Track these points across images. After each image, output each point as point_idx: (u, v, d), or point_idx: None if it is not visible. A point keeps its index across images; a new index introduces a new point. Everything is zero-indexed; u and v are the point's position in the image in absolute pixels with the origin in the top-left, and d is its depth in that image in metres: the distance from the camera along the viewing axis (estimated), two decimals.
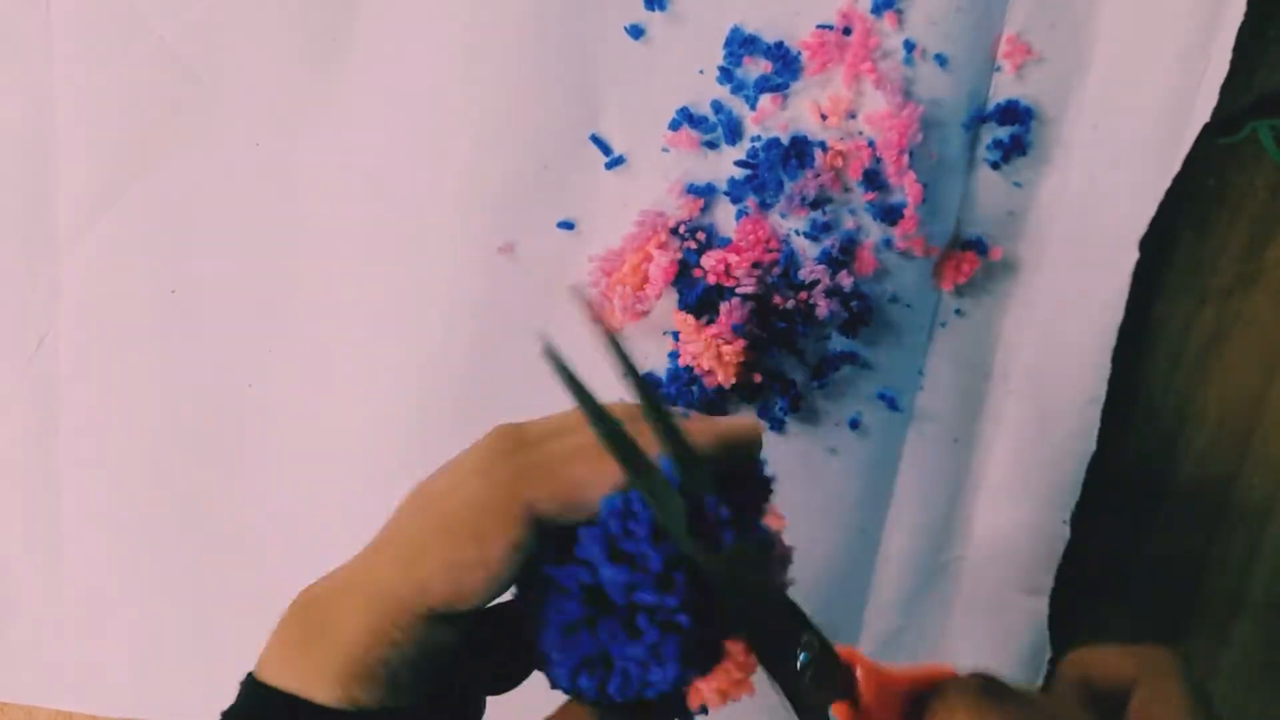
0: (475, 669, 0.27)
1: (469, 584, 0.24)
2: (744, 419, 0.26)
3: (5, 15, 0.44)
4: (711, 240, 0.43)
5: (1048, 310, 0.44)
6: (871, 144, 0.42)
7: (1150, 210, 0.42)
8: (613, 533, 0.24)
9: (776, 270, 0.43)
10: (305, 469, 0.47)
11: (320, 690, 0.23)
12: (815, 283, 0.42)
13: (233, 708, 0.25)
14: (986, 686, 0.25)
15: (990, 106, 0.43)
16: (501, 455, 0.25)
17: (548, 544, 0.25)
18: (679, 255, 0.43)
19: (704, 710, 0.26)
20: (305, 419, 0.46)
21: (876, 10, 0.41)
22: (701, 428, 0.26)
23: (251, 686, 0.25)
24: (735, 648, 0.25)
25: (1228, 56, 0.40)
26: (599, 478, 0.24)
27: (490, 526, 0.24)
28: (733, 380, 0.43)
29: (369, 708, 0.23)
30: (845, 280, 0.42)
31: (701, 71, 0.42)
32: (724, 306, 0.42)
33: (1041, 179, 0.43)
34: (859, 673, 0.25)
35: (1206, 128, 0.41)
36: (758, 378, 0.44)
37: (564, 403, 0.47)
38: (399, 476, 0.45)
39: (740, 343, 0.42)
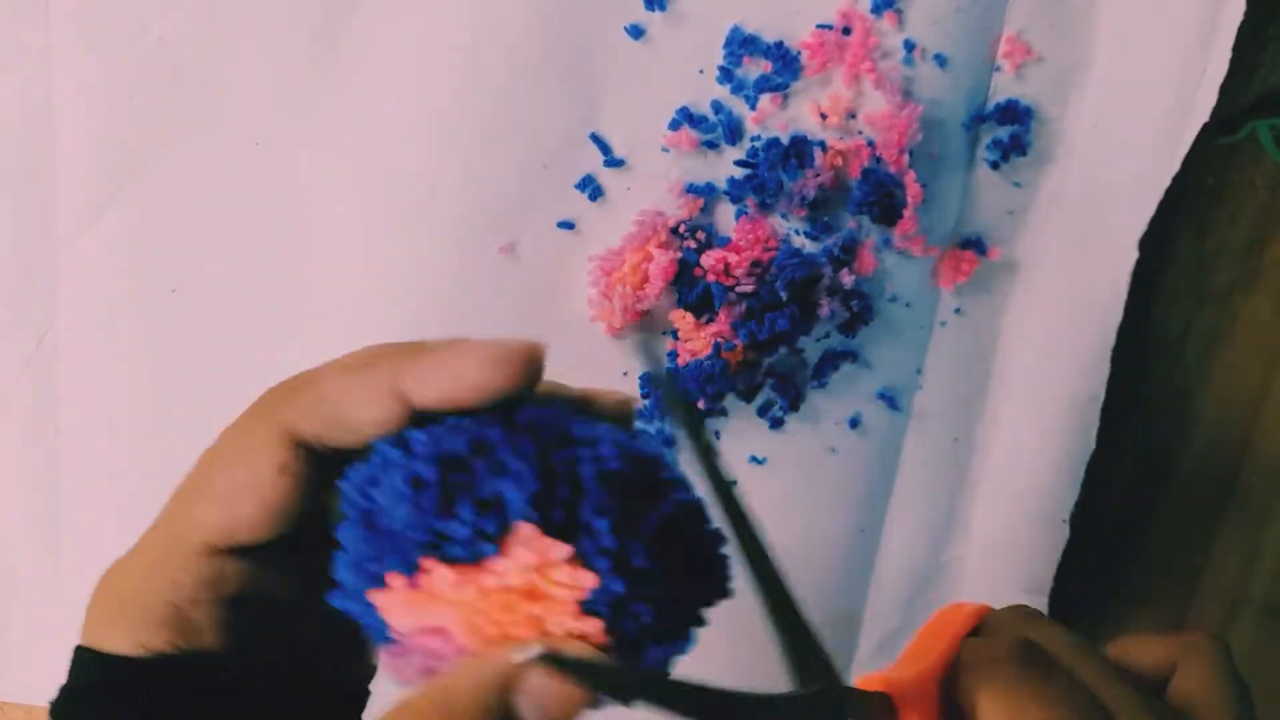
0: (296, 618, 0.25)
1: (242, 512, 0.23)
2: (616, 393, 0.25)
3: (5, 15, 0.44)
4: (711, 240, 0.43)
5: (1047, 310, 0.44)
6: (871, 144, 0.42)
7: (1150, 210, 0.42)
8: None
9: (774, 269, 0.43)
10: None
11: (114, 639, 0.23)
12: (817, 278, 0.42)
13: (66, 680, 0.25)
14: (1026, 657, 0.24)
15: (990, 106, 0.43)
16: (268, 390, 0.25)
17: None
18: (679, 254, 0.43)
19: None
20: None
21: (876, 10, 0.41)
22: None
23: (76, 653, 0.24)
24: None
25: (1227, 56, 0.40)
26: (358, 391, 0.22)
27: (252, 448, 0.23)
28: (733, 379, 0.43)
29: (165, 652, 0.23)
30: (846, 279, 0.42)
31: (701, 71, 0.42)
32: (723, 305, 0.42)
33: (1041, 179, 0.43)
34: (896, 700, 0.24)
35: (1206, 127, 0.41)
36: (758, 377, 0.44)
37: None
38: None
39: (739, 341, 0.42)
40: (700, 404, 0.43)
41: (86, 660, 0.24)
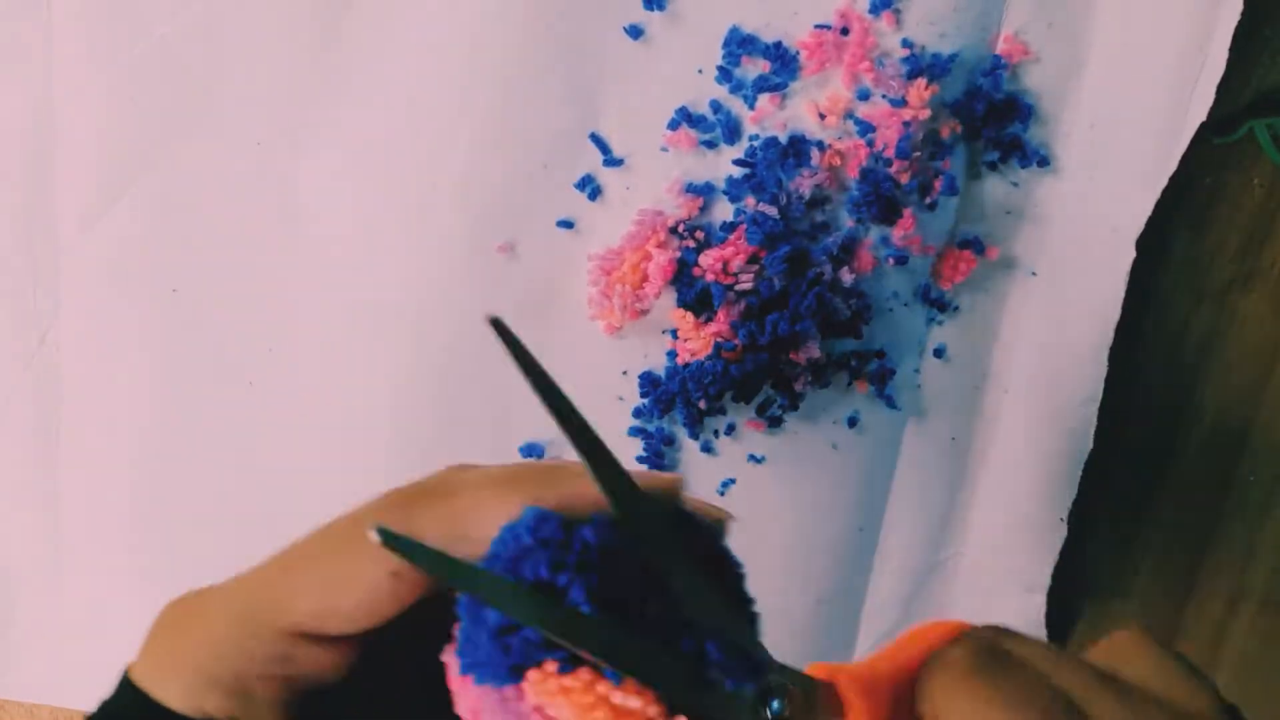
0: (357, 710, 0.25)
1: (341, 606, 0.22)
2: (667, 475, 0.24)
3: (5, 15, 0.44)
4: (710, 239, 0.43)
5: (1045, 309, 0.44)
6: (870, 143, 0.42)
7: (1147, 209, 0.42)
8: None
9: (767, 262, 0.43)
10: (305, 467, 0.47)
11: (173, 695, 0.23)
12: (819, 275, 0.42)
13: (108, 700, 0.24)
14: (978, 664, 0.23)
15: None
16: (400, 487, 0.24)
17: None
18: (678, 254, 0.43)
19: None
20: (305, 417, 0.46)
21: (874, 10, 0.41)
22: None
23: (124, 682, 0.24)
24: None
25: (1224, 56, 0.41)
26: (495, 512, 0.22)
27: (369, 547, 0.21)
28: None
29: (218, 718, 0.22)
30: (845, 277, 0.43)
31: (700, 71, 0.42)
32: (723, 305, 0.42)
33: (1039, 179, 0.44)
34: (842, 689, 0.23)
35: (1203, 127, 0.41)
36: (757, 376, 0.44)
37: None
38: (399, 475, 0.46)
39: (739, 341, 0.42)
40: (702, 404, 0.43)
41: (135, 697, 0.23)
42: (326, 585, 0.22)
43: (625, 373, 0.45)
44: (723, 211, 0.44)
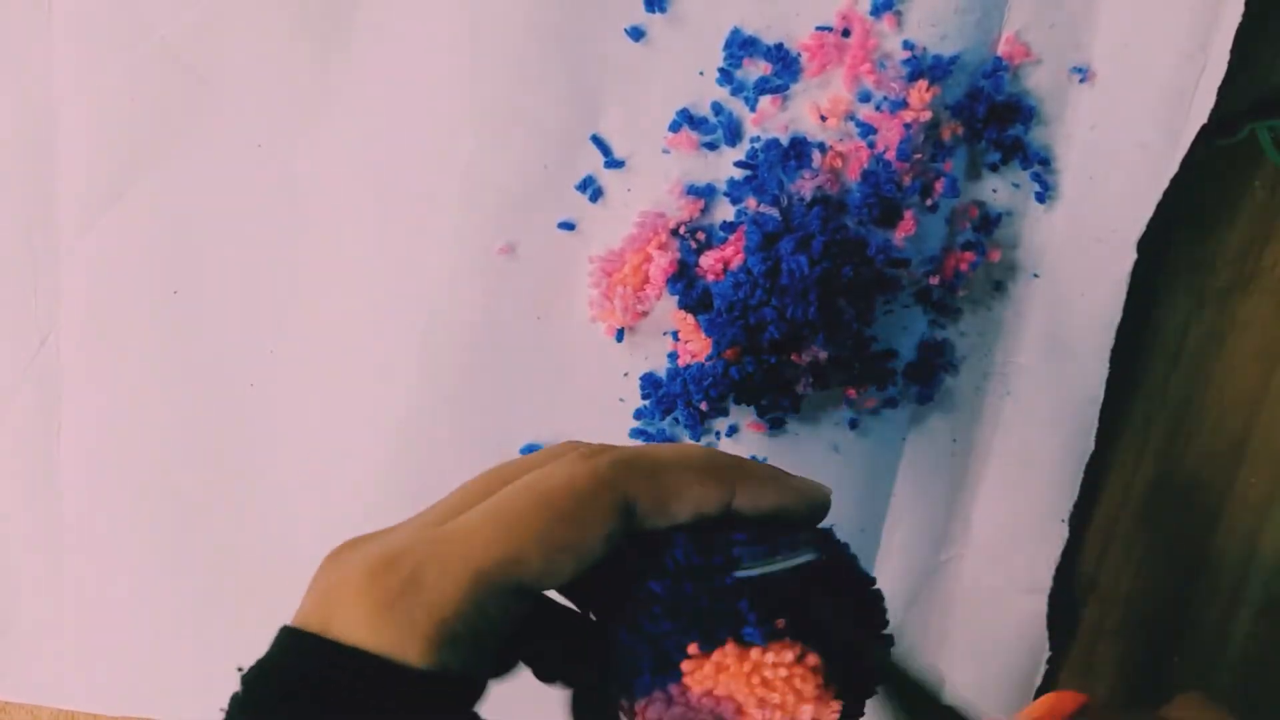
0: (530, 647, 0.27)
1: (560, 564, 0.24)
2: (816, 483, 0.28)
3: (5, 15, 0.44)
4: (711, 240, 0.43)
5: (1046, 311, 0.44)
6: (871, 145, 0.42)
7: (1148, 212, 0.42)
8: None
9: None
10: (307, 468, 0.47)
11: (411, 651, 0.23)
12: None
13: (287, 664, 0.24)
14: None
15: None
16: (603, 450, 0.26)
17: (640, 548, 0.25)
18: (679, 255, 0.43)
19: None
20: (307, 419, 0.46)
21: (875, 12, 0.41)
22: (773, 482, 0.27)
23: (316, 644, 0.24)
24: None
25: (1226, 58, 0.41)
26: (699, 489, 0.25)
27: (590, 512, 0.24)
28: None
29: (452, 672, 0.23)
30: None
31: (701, 73, 0.43)
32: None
33: (1040, 180, 0.44)
34: None
35: (1204, 129, 0.41)
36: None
37: (565, 411, 0.47)
38: (399, 475, 0.46)
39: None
40: (703, 406, 0.43)
41: (360, 664, 0.23)
42: (553, 547, 0.24)
43: (626, 374, 0.45)
44: (724, 213, 0.44)
